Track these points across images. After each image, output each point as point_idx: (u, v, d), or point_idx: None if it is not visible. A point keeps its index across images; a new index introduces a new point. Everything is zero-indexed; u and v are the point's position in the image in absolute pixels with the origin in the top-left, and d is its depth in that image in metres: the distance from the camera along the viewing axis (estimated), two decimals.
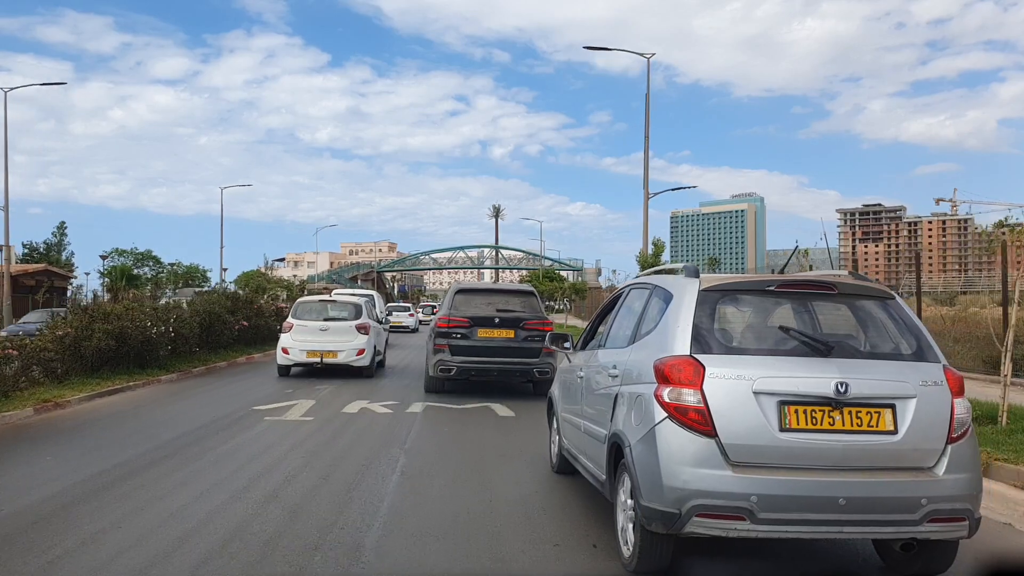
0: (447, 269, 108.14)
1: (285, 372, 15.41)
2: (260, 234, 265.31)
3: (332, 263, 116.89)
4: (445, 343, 12.19)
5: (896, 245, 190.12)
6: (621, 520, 4.50)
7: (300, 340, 15.06)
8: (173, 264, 74.82)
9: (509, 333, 12.15)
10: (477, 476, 6.78)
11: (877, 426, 3.94)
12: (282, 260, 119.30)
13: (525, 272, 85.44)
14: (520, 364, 12.10)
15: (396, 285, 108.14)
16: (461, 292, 12.84)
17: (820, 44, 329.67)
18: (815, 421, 3.91)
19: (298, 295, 30.42)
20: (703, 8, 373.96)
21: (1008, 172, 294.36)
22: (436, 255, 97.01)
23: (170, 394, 12.44)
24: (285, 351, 15.15)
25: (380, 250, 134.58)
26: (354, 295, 21.28)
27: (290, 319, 15.63)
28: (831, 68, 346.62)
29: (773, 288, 4.42)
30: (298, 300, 18.09)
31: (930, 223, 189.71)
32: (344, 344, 15.02)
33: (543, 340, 11.79)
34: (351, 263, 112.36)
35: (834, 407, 3.92)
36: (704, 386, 3.97)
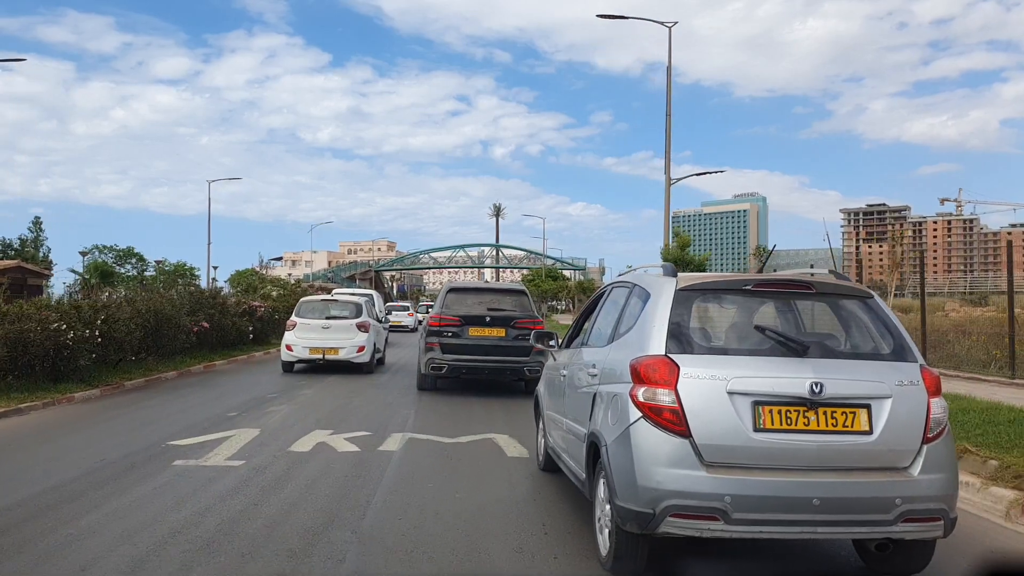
0: (447, 268, 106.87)
1: (289, 368, 16.17)
2: (261, 234, 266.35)
3: (330, 262, 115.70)
4: (436, 341, 12.25)
5: (900, 245, 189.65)
6: (599, 519, 4.49)
7: (303, 337, 15.88)
8: (160, 261, 72.24)
9: (500, 332, 12.21)
10: None
11: (852, 426, 3.92)
12: (279, 259, 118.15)
13: (527, 271, 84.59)
14: (511, 363, 12.14)
15: (395, 285, 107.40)
16: (453, 291, 12.89)
17: (821, 44, 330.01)
18: (790, 421, 3.89)
19: (290, 295, 29.06)
20: (704, 8, 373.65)
21: (1010, 172, 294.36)
22: (435, 254, 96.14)
23: (74, 419, 9.77)
24: (289, 348, 15.95)
25: (379, 249, 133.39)
26: (354, 295, 21.91)
27: (293, 317, 16.39)
28: (833, 68, 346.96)
29: (750, 288, 4.40)
30: (301, 299, 18.52)
31: (935, 223, 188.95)
32: (345, 341, 15.79)
33: None
34: (349, 262, 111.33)
35: (809, 407, 3.90)
36: (678, 386, 3.95)
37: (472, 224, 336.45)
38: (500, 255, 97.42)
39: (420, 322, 40.31)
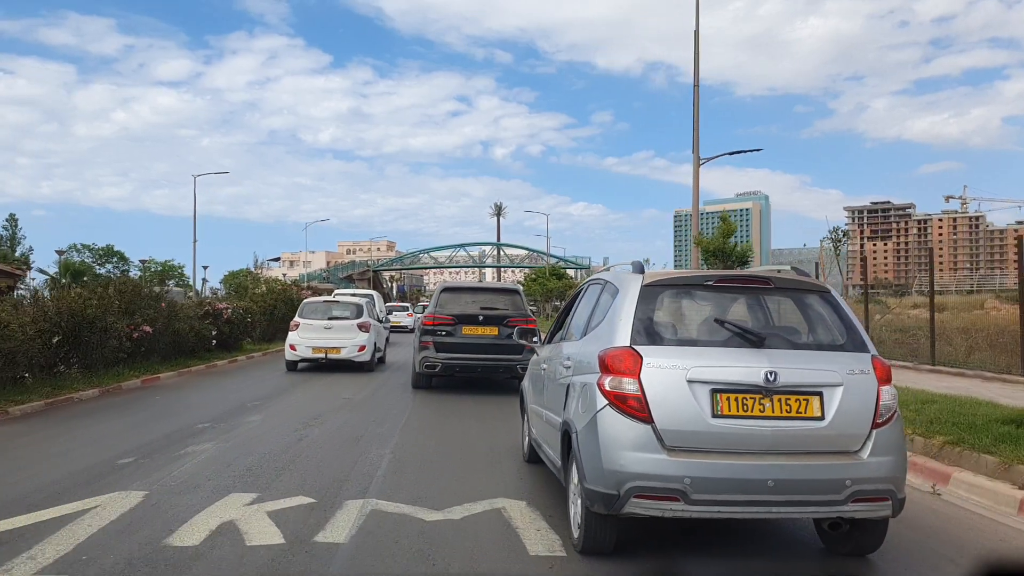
0: (447, 268, 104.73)
1: (293, 367, 16.71)
2: (262, 235, 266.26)
3: (329, 262, 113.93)
4: (430, 340, 12.45)
5: (905, 243, 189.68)
6: (572, 504, 4.73)
7: (306, 337, 16.46)
8: (146, 261, 68.75)
9: (493, 331, 12.43)
10: None
11: (805, 412, 4.17)
12: (277, 260, 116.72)
13: (530, 271, 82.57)
14: (504, 360, 12.36)
15: (395, 285, 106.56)
16: (447, 290, 13.15)
17: (823, 42, 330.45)
18: (746, 408, 4.14)
19: (268, 294, 26.63)
20: (705, 7, 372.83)
21: (1013, 170, 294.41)
22: (435, 253, 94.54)
23: None
24: (292, 347, 16.54)
25: (378, 249, 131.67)
26: (355, 295, 22.45)
27: (297, 318, 17.00)
28: (834, 67, 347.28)
29: (711, 283, 4.66)
30: (304, 301, 19.05)
31: (940, 220, 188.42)
32: (346, 341, 16.37)
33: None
34: (347, 262, 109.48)
35: (764, 395, 4.15)
36: (642, 375, 4.20)
37: (473, 225, 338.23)
38: (502, 254, 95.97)
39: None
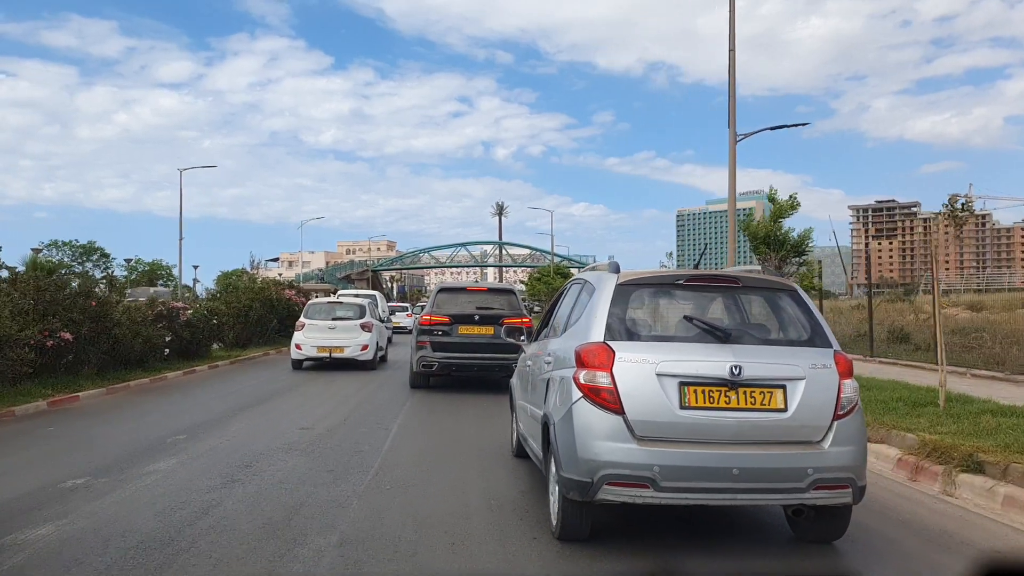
0: (448, 268, 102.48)
1: (298, 366, 17.34)
2: (264, 236, 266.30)
3: (328, 262, 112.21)
4: (427, 340, 12.61)
5: (911, 242, 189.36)
6: (551, 494, 4.96)
7: (311, 337, 17.06)
8: (131, 260, 65.99)
9: (488, 330, 12.62)
10: None
11: (769, 404, 4.39)
12: (276, 260, 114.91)
13: (534, 270, 79.88)
14: (500, 360, 12.49)
15: (395, 286, 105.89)
16: (443, 291, 13.34)
17: (824, 42, 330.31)
18: (712, 400, 4.37)
19: (257, 295, 24.18)
20: (706, 7, 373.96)
21: (1015, 169, 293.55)
22: (436, 253, 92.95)
23: None
24: (298, 347, 17.12)
25: (378, 249, 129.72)
26: (357, 296, 22.95)
27: (302, 319, 17.58)
28: (835, 66, 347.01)
29: (682, 282, 4.89)
30: (309, 302, 19.62)
31: (946, 219, 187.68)
32: (350, 340, 17.00)
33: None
34: (346, 262, 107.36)
35: (730, 387, 4.37)
36: (614, 369, 4.43)
37: (475, 225, 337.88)
38: (504, 254, 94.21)
39: None
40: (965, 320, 20.09)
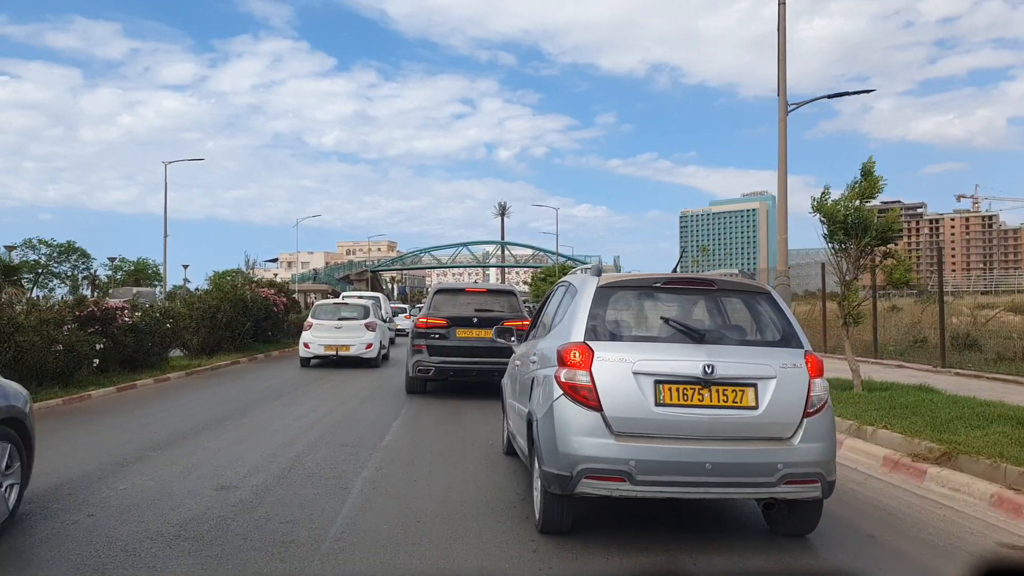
0: (450, 268, 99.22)
1: (306, 364, 18.21)
2: (265, 237, 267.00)
3: (328, 263, 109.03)
4: (423, 343, 12.14)
5: (917, 243, 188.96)
6: (536, 489, 5.15)
7: (318, 336, 18.05)
8: (115, 259, 62.19)
9: (488, 333, 11.95)
10: None
11: (741, 402, 4.58)
12: (275, 261, 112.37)
13: (539, 270, 78.42)
14: (499, 364, 11.98)
15: (396, 287, 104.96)
16: (440, 292, 12.93)
17: (828, 43, 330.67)
18: (686, 398, 4.56)
19: (226, 296, 21.04)
20: (709, 9, 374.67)
21: (1018, 170, 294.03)
22: (437, 253, 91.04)
23: None
24: (307, 345, 18.06)
25: (379, 249, 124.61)
26: (361, 297, 23.66)
27: (309, 319, 18.61)
28: (839, 67, 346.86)
29: (660, 285, 5.09)
30: (316, 303, 20.80)
31: (952, 220, 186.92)
32: (355, 339, 17.98)
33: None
34: (345, 262, 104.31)
35: (703, 386, 4.56)
36: (593, 368, 4.62)
37: (477, 227, 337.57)
38: (506, 253, 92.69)
39: None
40: (1020, 323, 18.23)
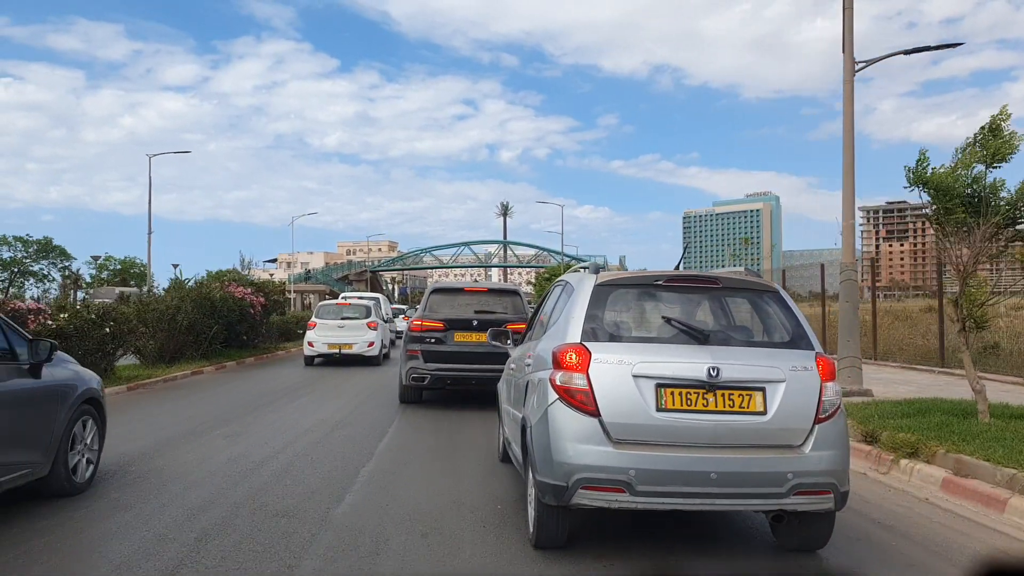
0: (450, 268, 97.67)
1: (310, 362, 18.87)
2: (268, 238, 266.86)
3: (327, 263, 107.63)
4: (418, 349, 11.01)
5: (923, 243, 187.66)
6: (530, 499, 4.84)
7: (322, 335, 18.73)
8: (100, 258, 60.10)
9: None
10: None
11: (748, 407, 4.27)
12: (274, 261, 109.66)
13: (543, 270, 75.92)
14: (501, 371, 11.01)
15: (396, 287, 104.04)
16: (437, 292, 11.80)
17: (830, 44, 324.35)
18: (689, 402, 4.25)
19: (187, 296, 17.94)
20: (711, 9, 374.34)
21: (1018, 170, 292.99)
22: (439, 253, 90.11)
23: None
24: (311, 344, 18.73)
25: (379, 249, 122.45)
26: (363, 298, 24.24)
27: (313, 318, 19.29)
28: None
29: (661, 283, 4.78)
30: (319, 304, 21.24)
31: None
32: (358, 338, 18.65)
33: None
34: (344, 262, 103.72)
35: (708, 390, 4.25)
36: (590, 370, 4.32)
37: (479, 228, 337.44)
38: (508, 253, 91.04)
39: None
40: None
